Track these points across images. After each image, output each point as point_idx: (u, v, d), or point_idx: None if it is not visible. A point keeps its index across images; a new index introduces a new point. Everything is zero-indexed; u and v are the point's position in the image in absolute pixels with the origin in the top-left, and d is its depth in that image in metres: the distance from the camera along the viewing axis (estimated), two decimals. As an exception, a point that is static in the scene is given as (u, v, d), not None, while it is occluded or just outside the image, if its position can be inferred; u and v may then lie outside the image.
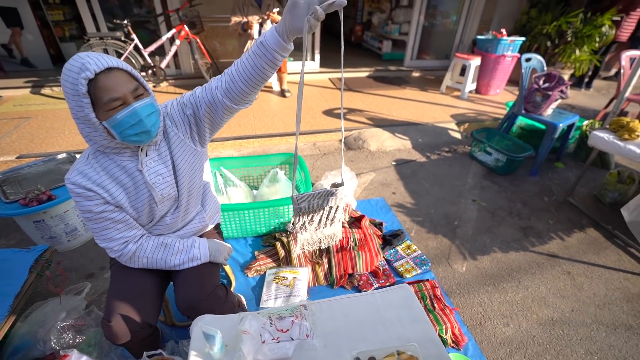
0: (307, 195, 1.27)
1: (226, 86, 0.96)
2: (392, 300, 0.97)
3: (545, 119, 2.66)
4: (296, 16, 0.80)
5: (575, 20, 4.21)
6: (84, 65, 0.78)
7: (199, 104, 1.01)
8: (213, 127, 1.06)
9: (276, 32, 0.85)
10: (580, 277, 1.82)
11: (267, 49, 0.87)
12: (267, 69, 0.91)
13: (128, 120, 0.85)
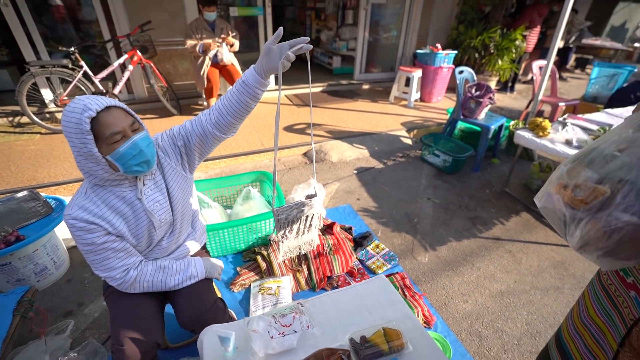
0: (285, 207, 1.43)
1: (216, 120, 1.10)
2: (372, 290, 1.15)
3: (480, 122, 3.08)
4: (271, 59, 1.00)
5: (495, 35, 4.87)
6: (85, 106, 0.88)
7: (190, 136, 1.13)
8: (202, 154, 1.19)
9: (255, 72, 1.04)
10: (519, 253, 2.16)
11: (249, 87, 1.05)
12: (250, 102, 1.08)
13: (130, 151, 0.95)
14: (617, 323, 0.87)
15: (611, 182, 0.65)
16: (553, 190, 0.75)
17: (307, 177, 2.98)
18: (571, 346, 1.02)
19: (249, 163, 3.12)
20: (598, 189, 0.66)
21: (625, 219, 0.64)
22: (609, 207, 0.65)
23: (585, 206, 0.68)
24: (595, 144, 0.72)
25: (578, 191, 0.70)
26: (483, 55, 5.09)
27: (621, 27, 9.40)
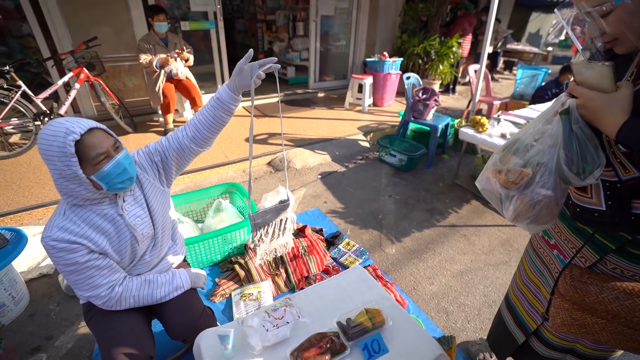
0: (261, 212, 1.51)
1: (192, 135, 1.16)
2: (351, 279, 1.27)
3: (428, 122, 3.38)
4: (243, 78, 1.11)
5: (435, 43, 5.34)
6: (68, 129, 0.90)
7: (167, 151, 1.18)
8: (179, 168, 1.24)
9: (229, 89, 1.13)
10: (472, 236, 2.42)
11: (224, 103, 1.14)
12: (225, 117, 1.17)
13: (114, 170, 0.98)
14: (547, 278, 1.07)
15: (532, 165, 0.84)
16: (490, 175, 0.93)
17: (273, 185, 3.06)
18: (517, 304, 1.22)
19: (213, 177, 3.12)
20: (523, 172, 0.84)
21: (544, 192, 0.82)
22: (532, 185, 0.84)
23: (515, 186, 0.86)
24: (517, 135, 0.91)
25: (510, 174, 0.88)
26: (426, 61, 5.54)
27: (537, 34, 10.71)
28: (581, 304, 0.89)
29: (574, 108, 0.79)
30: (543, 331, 1.12)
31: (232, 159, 3.36)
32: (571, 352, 1.10)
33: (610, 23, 0.73)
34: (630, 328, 0.84)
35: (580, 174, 0.78)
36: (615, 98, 0.73)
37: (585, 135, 0.79)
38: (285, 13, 5.93)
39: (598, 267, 0.92)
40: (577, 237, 0.95)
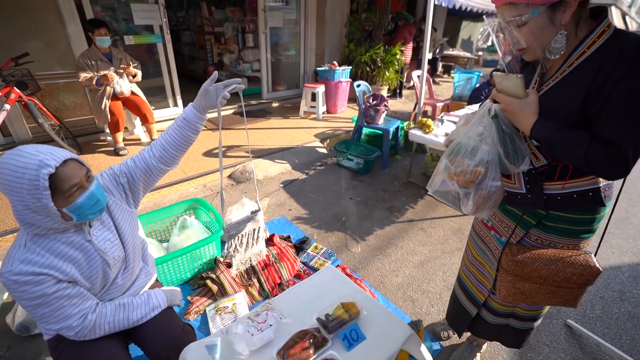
0: (234, 223, 1.56)
1: (159, 154, 1.18)
2: (324, 278, 1.36)
3: (380, 126, 3.61)
4: (209, 99, 1.17)
5: (380, 51, 5.68)
6: (42, 162, 0.86)
7: (134, 172, 1.18)
8: (146, 187, 1.24)
9: (195, 109, 1.18)
10: (428, 229, 2.64)
11: (190, 122, 1.18)
12: (192, 135, 1.21)
13: (88, 202, 0.97)
14: (490, 256, 1.25)
15: (482, 164, 0.98)
16: (447, 178, 1.05)
17: (237, 198, 3.05)
18: (467, 282, 1.40)
19: (173, 194, 3.04)
20: (477, 171, 0.99)
21: (495, 184, 0.98)
22: (485, 180, 0.99)
23: (472, 184, 1.00)
24: (458, 140, 1.05)
25: (467, 175, 1.02)
26: (373, 69, 5.87)
27: (468, 40, 11.79)
28: (521, 274, 1.06)
29: (500, 112, 0.97)
30: (490, 302, 1.30)
31: (190, 174, 3.30)
32: (512, 315, 1.29)
33: (523, 34, 0.89)
34: (556, 287, 1.04)
35: (516, 163, 0.96)
36: (526, 103, 0.91)
37: (513, 133, 0.97)
38: (234, 25, 5.93)
39: (525, 240, 1.11)
40: (508, 218, 1.14)
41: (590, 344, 1.76)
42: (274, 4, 5.17)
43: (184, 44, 7.08)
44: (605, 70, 0.82)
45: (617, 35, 0.85)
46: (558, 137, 0.87)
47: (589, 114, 0.86)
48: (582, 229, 1.03)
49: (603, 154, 0.83)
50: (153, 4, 4.02)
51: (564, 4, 0.83)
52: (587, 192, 0.97)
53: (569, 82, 0.90)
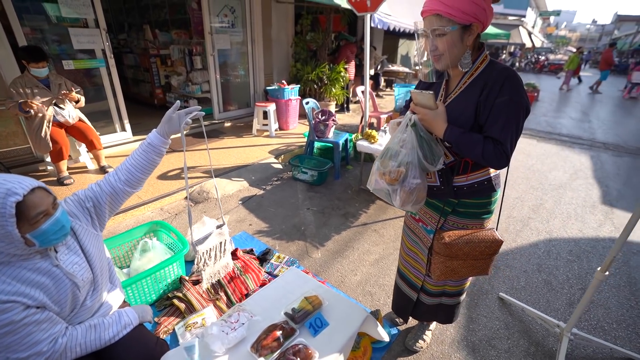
0: (202, 238, 1.66)
1: (125, 178, 1.27)
2: (288, 278, 1.50)
3: (330, 140, 3.87)
4: (172, 125, 1.29)
5: (325, 70, 6.05)
6: (10, 190, 0.91)
7: (100, 196, 1.25)
8: (112, 210, 1.31)
9: (159, 134, 1.29)
10: (381, 230, 2.91)
11: (155, 147, 1.29)
12: (156, 158, 1.32)
13: (52, 228, 1.02)
14: (421, 245, 1.50)
15: (403, 164, 1.22)
16: (378, 178, 1.29)
17: (196, 218, 3.08)
18: (406, 271, 1.64)
19: (129, 220, 2.97)
20: (399, 171, 1.23)
21: (415, 182, 1.22)
22: (407, 178, 1.22)
23: (396, 182, 1.23)
24: (387, 145, 1.29)
25: (391, 174, 1.25)
26: (320, 86, 6.21)
27: (406, 56, 12.85)
28: (450, 254, 1.31)
29: (418, 121, 1.22)
30: (425, 285, 1.55)
31: (146, 199, 3.25)
32: (444, 294, 1.55)
33: (441, 42, 1.15)
34: (474, 259, 1.30)
35: (433, 163, 1.21)
36: (437, 113, 1.18)
37: (429, 138, 1.22)
38: (180, 47, 5.93)
39: (444, 226, 1.37)
40: (431, 209, 1.41)
41: (517, 310, 2.10)
42: (220, 27, 5.31)
43: (127, 66, 6.88)
44: (487, 88, 1.13)
45: (491, 64, 1.17)
46: (462, 139, 1.15)
47: (480, 120, 1.16)
48: (483, 211, 1.33)
49: (493, 149, 1.12)
50: (94, 28, 3.94)
51: (470, 30, 1.12)
52: (483, 182, 1.27)
53: (464, 97, 1.20)
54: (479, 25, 1.12)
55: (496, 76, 1.12)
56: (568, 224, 3.17)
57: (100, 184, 1.27)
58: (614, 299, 2.24)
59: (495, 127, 1.12)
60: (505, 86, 1.10)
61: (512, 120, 1.11)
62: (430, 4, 1.14)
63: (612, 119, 8.22)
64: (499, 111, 1.11)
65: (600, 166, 4.83)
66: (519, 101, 1.10)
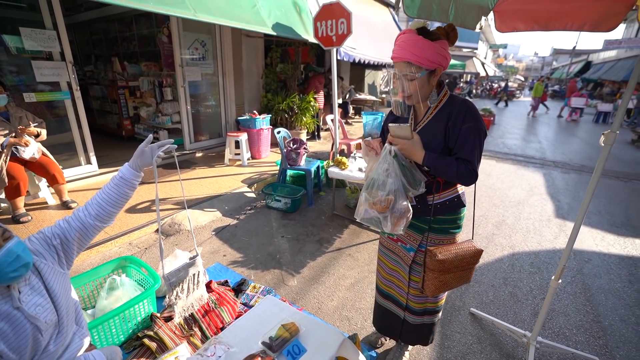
0: (174, 270, 1.64)
1: (96, 213, 1.25)
2: (264, 307, 1.51)
3: (302, 167, 3.96)
4: (145, 159, 1.31)
5: (295, 100, 6.26)
6: None
7: (68, 233, 1.22)
8: (81, 247, 1.28)
9: (131, 168, 1.30)
10: (355, 254, 2.96)
11: (127, 180, 1.30)
12: (129, 192, 1.32)
13: (5, 259, 0.98)
14: (402, 263, 1.58)
15: (392, 192, 1.31)
16: (368, 208, 1.36)
17: (168, 251, 2.99)
18: (390, 290, 1.69)
19: (94, 257, 2.83)
20: (389, 199, 1.31)
21: (403, 205, 1.30)
22: (396, 204, 1.31)
23: (387, 209, 1.31)
24: (371, 176, 1.37)
25: (382, 203, 1.32)
26: (291, 115, 6.39)
27: (373, 85, 13.54)
28: (443, 269, 1.39)
29: (398, 151, 1.32)
30: (410, 304, 1.60)
31: (113, 234, 3.12)
32: (425, 312, 1.61)
33: (411, 85, 1.32)
34: (462, 270, 1.41)
35: (416, 187, 1.33)
36: (414, 142, 1.31)
37: (410, 166, 1.34)
38: (150, 79, 5.93)
39: (422, 244, 1.46)
40: (410, 229, 1.50)
41: (488, 323, 2.19)
42: (191, 60, 5.41)
43: (93, 98, 6.75)
44: (452, 117, 1.31)
45: (451, 97, 1.38)
46: (438, 163, 1.30)
47: (449, 144, 1.33)
48: (454, 226, 1.46)
49: (465, 168, 1.29)
50: (59, 61, 3.89)
51: (435, 73, 1.32)
52: (454, 199, 1.40)
53: (433, 124, 1.37)
54: (441, 69, 1.33)
55: (459, 107, 1.32)
56: (528, 237, 3.39)
57: (68, 220, 1.24)
58: (572, 306, 2.40)
59: (464, 150, 1.30)
60: (468, 115, 1.30)
61: (477, 142, 1.30)
62: (400, 52, 1.31)
63: (558, 140, 9.02)
64: (466, 136, 1.29)
65: (552, 182, 5.25)
66: (479, 127, 1.30)
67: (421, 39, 1.27)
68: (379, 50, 7.32)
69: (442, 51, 1.29)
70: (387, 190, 1.30)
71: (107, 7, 6.30)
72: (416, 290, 1.56)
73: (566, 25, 2.12)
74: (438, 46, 1.28)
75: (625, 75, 17.85)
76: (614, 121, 1.51)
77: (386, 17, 9.34)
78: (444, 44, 1.30)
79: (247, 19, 4.21)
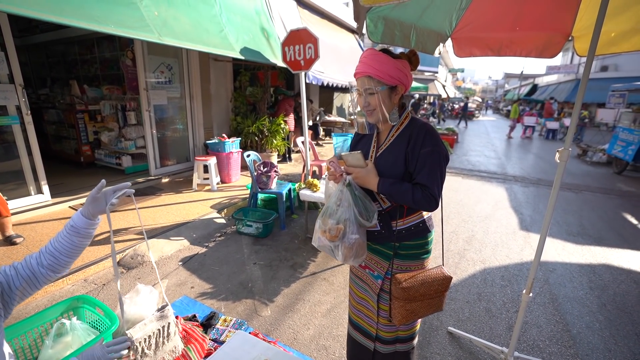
0: (139, 325, 1.49)
1: (49, 263, 1.11)
2: (235, 345, 1.39)
3: (274, 190, 3.89)
4: (98, 205, 1.18)
5: (265, 122, 6.24)
6: None
7: (13, 280, 1.07)
8: (25, 296, 1.13)
9: (84, 216, 1.16)
10: (330, 277, 2.88)
11: (80, 229, 1.16)
12: (84, 241, 1.19)
13: None
14: (370, 291, 1.53)
15: (342, 221, 1.28)
16: (320, 235, 1.33)
17: (129, 286, 2.76)
18: (359, 320, 1.62)
19: (41, 298, 2.54)
20: (338, 227, 1.28)
21: (354, 237, 1.27)
22: (346, 234, 1.27)
23: (337, 239, 1.27)
24: (326, 204, 1.35)
25: (331, 231, 1.29)
26: (261, 138, 6.34)
27: (341, 107, 13.90)
28: (408, 297, 1.34)
29: (352, 181, 1.31)
30: (380, 333, 1.54)
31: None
32: (397, 340, 1.55)
33: (373, 99, 1.31)
34: (430, 299, 1.36)
35: (369, 219, 1.29)
36: (368, 170, 1.29)
37: (363, 195, 1.31)
38: (112, 103, 5.69)
39: (389, 270, 1.42)
40: (377, 255, 1.46)
41: (466, 342, 2.17)
42: (157, 83, 5.27)
43: (48, 122, 6.34)
44: (412, 140, 1.30)
45: (413, 119, 1.37)
46: (394, 189, 1.28)
47: (410, 168, 1.31)
48: (422, 252, 1.42)
49: (421, 195, 1.25)
50: (7, 84, 3.63)
51: (396, 90, 1.32)
52: (419, 224, 1.38)
53: (394, 147, 1.35)
54: (403, 87, 1.33)
55: (418, 130, 1.31)
56: (497, 251, 3.49)
57: (17, 267, 1.09)
58: (543, 316, 2.46)
59: (422, 174, 1.27)
60: (426, 139, 1.28)
61: (436, 167, 1.28)
62: (362, 67, 1.33)
63: (516, 156, 9.63)
64: (424, 160, 1.27)
65: (514, 196, 5.52)
66: (439, 151, 1.28)
67: (382, 54, 1.29)
68: (347, 74, 7.56)
69: (402, 69, 1.30)
70: (337, 219, 1.28)
71: (66, 29, 6.11)
72: (385, 319, 1.50)
73: (516, 52, 2.31)
74: (399, 63, 1.30)
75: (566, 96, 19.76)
76: (566, 139, 1.61)
77: (352, 43, 9.74)
78: (405, 63, 1.33)
79: (214, 43, 4.19)
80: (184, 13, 3.90)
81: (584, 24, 2.04)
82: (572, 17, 2.02)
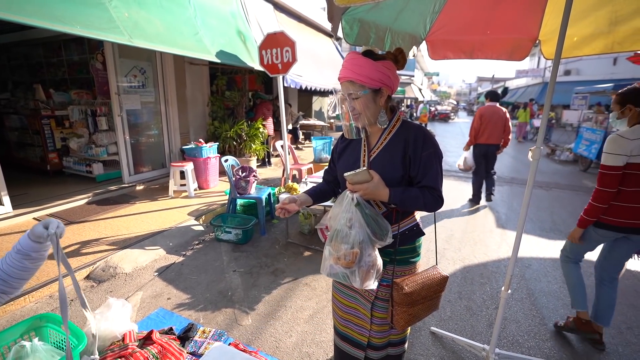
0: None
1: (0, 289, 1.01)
2: (213, 356, 1.33)
3: (253, 195, 3.82)
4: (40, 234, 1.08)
5: (244, 127, 6.15)
6: None
7: None
8: None
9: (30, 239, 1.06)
10: (312, 282, 2.84)
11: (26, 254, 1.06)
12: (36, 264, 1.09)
13: None
14: (361, 300, 1.49)
15: (357, 245, 1.20)
16: (333, 263, 1.25)
17: (100, 301, 2.61)
18: (348, 331, 1.57)
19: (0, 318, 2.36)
20: (354, 252, 1.19)
21: (371, 258, 1.21)
22: (362, 257, 1.21)
23: (353, 264, 1.21)
24: (334, 228, 1.27)
25: (347, 257, 1.21)
26: (239, 142, 6.24)
27: (320, 111, 13.94)
28: (411, 302, 1.31)
29: (361, 199, 1.23)
30: (372, 340, 1.50)
31: (27, 287, 2.65)
32: (389, 344, 1.53)
33: (357, 104, 1.29)
34: (430, 300, 1.36)
35: (382, 238, 1.23)
36: (376, 183, 1.22)
37: (374, 214, 1.25)
38: (81, 108, 5.43)
39: (384, 278, 1.39)
40: None
41: (449, 341, 2.19)
42: (129, 87, 5.08)
43: (10, 129, 5.98)
44: (409, 143, 1.29)
45: (405, 122, 1.37)
46: (405, 197, 1.25)
47: (411, 172, 1.30)
48: (413, 255, 1.43)
49: (431, 197, 1.27)
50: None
51: (381, 93, 1.30)
52: (413, 227, 1.39)
53: (388, 150, 1.33)
54: (387, 88, 1.31)
55: (415, 133, 1.31)
56: (475, 249, 3.57)
57: None
58: (521, 312, 2.52)
59: (428, 177, 1.29)
60: (426, 141, 1.29)
61: (438, 168, 1.31)
62: (344, 72, 1.31)
63: (491, 156, 9.94)
64: (427, 163, 1.28)
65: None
66: (438, 152, 1.32)
67: (362, 58, 1.27)
68: (325, 78, 7.59)
69: (385, 70, 1.27)
70: (351, 243, 1.20)
71: (29, 30, 5.81)
72: (380, 326, 1.47)
73: (487, 54, 2.38)
74: (380, 65, 1.27)
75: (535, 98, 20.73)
76: (537, 139, 1.66)
77: (329, 47, 9.80)
78: (388, 64, 1.30)
79: (189, 47, 4.09)
80: (156, 15, 3.78)
81: (550, 29, 2.13)
82: (538, 21, 2.10)
